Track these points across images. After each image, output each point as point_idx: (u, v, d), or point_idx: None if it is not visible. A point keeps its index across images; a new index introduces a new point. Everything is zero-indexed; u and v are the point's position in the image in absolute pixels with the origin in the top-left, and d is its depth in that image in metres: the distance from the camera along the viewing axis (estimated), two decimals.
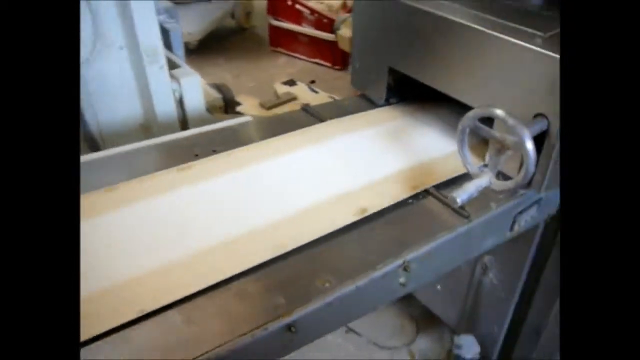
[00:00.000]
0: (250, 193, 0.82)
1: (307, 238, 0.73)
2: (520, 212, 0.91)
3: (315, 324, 0.66)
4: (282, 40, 3.25)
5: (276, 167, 0.88)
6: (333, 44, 2.99)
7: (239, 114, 2.20)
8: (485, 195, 0.83)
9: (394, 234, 0.77)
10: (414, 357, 1.53)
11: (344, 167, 0.90)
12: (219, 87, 2.14)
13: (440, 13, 0.91)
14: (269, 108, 2.61)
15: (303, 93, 2.80)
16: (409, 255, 0.73)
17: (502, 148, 0.76)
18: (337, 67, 3.12)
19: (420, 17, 0.94)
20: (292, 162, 0.90)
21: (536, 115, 0.80)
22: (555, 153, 0.79)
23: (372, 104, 1.14)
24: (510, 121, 0.72)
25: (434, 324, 1.59)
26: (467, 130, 0.79)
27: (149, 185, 0.82)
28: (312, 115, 1.07)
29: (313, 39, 3.09)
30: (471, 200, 0.78)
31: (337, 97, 2.77)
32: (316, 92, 2.82)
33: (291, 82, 2.89)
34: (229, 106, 2.06)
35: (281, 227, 0.75)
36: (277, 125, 1.03)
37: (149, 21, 1.29)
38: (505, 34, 0.83)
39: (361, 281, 0.68)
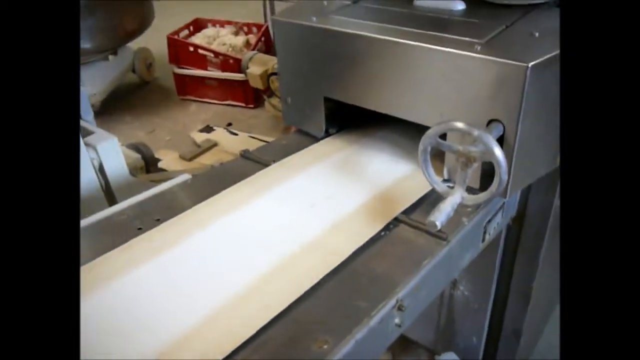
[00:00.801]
0: (211, 261, 0.74)
1: (287, 299, 0.65)
2: (489, 221, 0.89)
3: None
4: (189, 88, 3.16)
5: (231, 227, 0.80)
6: (243, 84, 2.94)
7: (162, 170, 2.08)
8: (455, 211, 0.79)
9: (377, 272, 0.71)
10: None
11: (303, 212, 0.84)
12: (136, 147, 2.02)
13: (365, 33, 0.89)
14: (191, 159, 2.50)
15: (222, 137, 2.72)
16: (401, 293, 0.67)
17: (468, 161, 0.73)
18: (250, 105, 3.07)
19: (346, 40, 0.91)
20: (247, 217, 0.83)
21: (490, 122, 0.79)
22: (515, 156, 0.78)
23: (311, 138, 1.08)
24: (475, 132, 0.69)
25: (409, 350, 1.54)
26: (429, 149, 0.76)
27: (95, 275, 0.71)
28: (254, 161, 1.00)
29: (222, 82, 3.02)
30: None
31: (257, 137, 2.72)
32: (236, 134, 2.75)
33: (208, 129, 2.81)
34: (150, 165, 1.94)
35: (256, 291, 0.67)
36: (220, 178, 0.94)
37: None
38: (442, 45, 0.81)
39: (359, 333, 0.61)
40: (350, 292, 0.68)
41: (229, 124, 2.89)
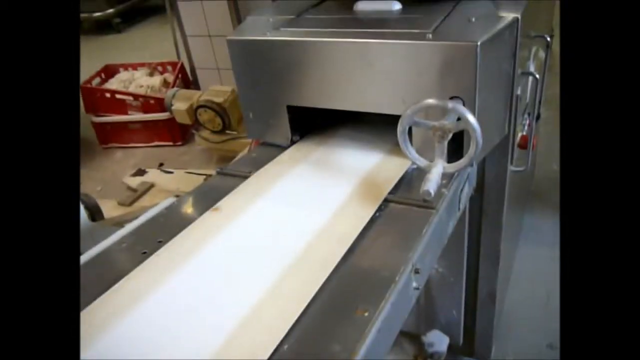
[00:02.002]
0: (230, 267, 0.76)
1: (315, 284, 0.69)
2: (461, 191, 0.98)
3: (378, 350, 0.63)
4: (112, 135, 3.08)
5: (238, 234, 0.83)
6: (168, 122, 2.93)
7: (105, 219, 2.02)
8: None
9: (386, 245, 0.77)
10: None
11: (300, 209, 0.88)
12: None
13: (322, 39, 0.96)
14: (131, 204, 2.44)
15: (158, 178, 2.68)
16: (414, 258, 0.74)
17: (443, 133, 0.82)
18: (178, 143, 3.05)
19: (304, 48, 0.98)
20: (249, 223, 0.86)
21: (451, 98, 0.88)
22: None
23: (277, 148, 1.13)
24: (450, 105, 0.77)
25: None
26: (407, 128, 0.84)
27: (134, 289, 0.71)
28: (232, 175, 1.03)
29: (145, 123, 2.98)
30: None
31: (193, 172, 2.70)
32: (171, 172, 2.72)
33: (141, 172, 2.75)
34: (95, 213, 1.89)
35: (287, 281, 0.71)
36: (205, 195, 0.97)
37: None
38: (397, 39, 0.90)
39: (392, 297, 0.67)
40: (370, 267, 0.73)
41: (161, 164, 2.85)
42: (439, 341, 1.36)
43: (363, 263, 0.74)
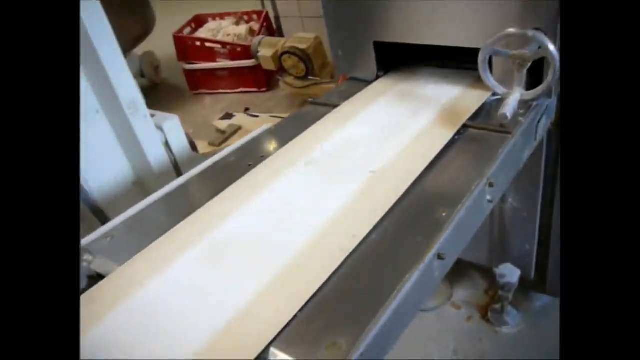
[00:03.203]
0: (328, 169, 0.87)
1: (405, 183, 0.80)
2: (538, 122, 1.03)
3: (454, 247, 0.72)
4: (201, 82, 3.28)
5: (330, 145, 0.94)
6: (253, 69, 3.07)
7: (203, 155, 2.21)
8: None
9: (466, 161, 0.85)
10: (459, 307, 1.62)
11: (386, 134, 0.97)
12: None
13: None
14: (220, 144, 2.63)
15: (244, 121, 2.84)
16: (489, 173, 0.81)
17: (523, 62, 0.87)
18: (262, 89, 3.20)
19: None
20: (340, 138, 0.96)
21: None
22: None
23: (365, 83, 1.22)
24: (530, 33, 0.83)
25: (462, 275, 1.69)
26: (488, 57, 0.90)
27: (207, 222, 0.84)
28: (322, 105, 1.14)
29: (232, 70, 3.15)
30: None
31: (277, 115, 2.85)
32: (256, 116, 2.88)
33: (228, 116, 2.93)
34: (193, 149, 2.08)
35: (374, 188, 0.81)
36: (301, 120, 1.08)
37: (123, 73, 1.30)
38: None
39: (468, 202, 0.75)
40: (448, 179, 0.82)
41: (247, 109, 3.02)
42: (510, 273, 1.43)
43: (442, 177, 0.83)
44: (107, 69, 1.25)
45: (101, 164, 1.39)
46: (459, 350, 1.49)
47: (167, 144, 1.48)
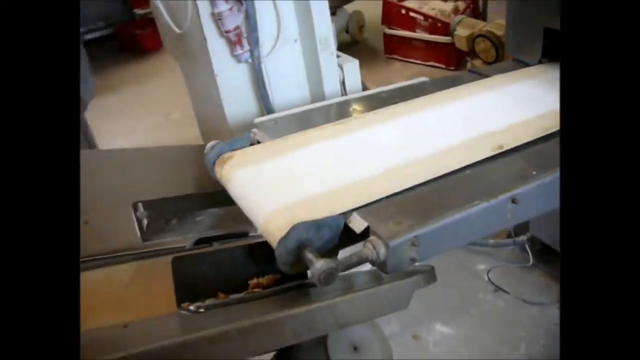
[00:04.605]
0: (428, 127, 1.03)
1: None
2: None
3: (536, 200, 0.83)
4: (396, 47, 3.48)
5: (444, 112, 1.08)
6: (447, 46, 3.18)
7: None
8: None
9: None
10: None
11: (528, 108, 1.07)
12: None
13: None
14: None
15: None
16: None
17: None
18: (451, 67, 3.29)
19: None
20: (454, 109, 1.09)
21: None
22: None
23: (526, 65, 1.30)
24: None
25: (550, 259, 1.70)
26: None
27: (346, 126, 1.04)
28: (478, 74, 1.26)
29: (427, 43, 3.29)
30: None
31: None
32: None
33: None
34: None
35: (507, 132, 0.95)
36: (451, 82, 1.23)
37: (324, 13, 1.55)
38: None
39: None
40: None
41: None
42: None
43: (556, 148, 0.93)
44: (312, 4, 1.50)
45: (287, 85, 1.67)
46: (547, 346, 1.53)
47: (343, 83, 1.72)
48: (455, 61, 3.25)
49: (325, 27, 1.56)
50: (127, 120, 3.27)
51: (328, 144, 0.95)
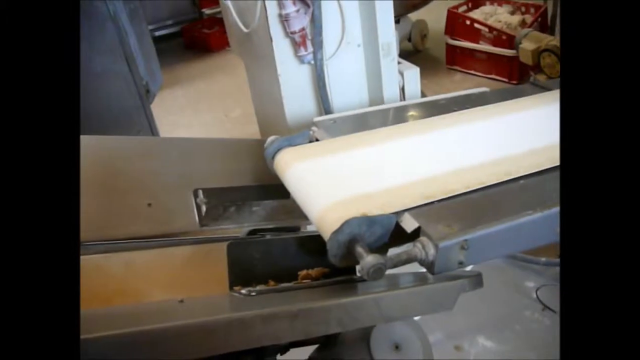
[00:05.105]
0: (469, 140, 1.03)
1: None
2: None
3: None
4: (458, 58, 3.45)
5: (505, 121, 1.08)
6: (511, 59, 3.12)
7: None
8: None
9: None
10: None
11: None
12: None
13: None
14: None
15: None
16: None
17: None
18: (513, 81, 3.23)
19: None
20: (516, 118, 1.09)
21: None
22: None
23: None
24: None
25: None
26: None
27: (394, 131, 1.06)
28: (540, 87, 1.25)
29: (491, 56, 3.24)
30: None
31: None
32: None
33: None
34: None
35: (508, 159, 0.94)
36: (511, 93, 1.22)
37: (388, 19, 1.57)
38: None
39: None
40: None
41: None
42: None
43: None
44: (377, 10, 1.53)
45: (347, 88, 1.71)
46: None
47: (402, 89, 1.73)
48: (518, 75, 3.19)
49: (388, 33, 1.59)
50: (189, 114, 3.40)
51: (385, 145, 0.98)
